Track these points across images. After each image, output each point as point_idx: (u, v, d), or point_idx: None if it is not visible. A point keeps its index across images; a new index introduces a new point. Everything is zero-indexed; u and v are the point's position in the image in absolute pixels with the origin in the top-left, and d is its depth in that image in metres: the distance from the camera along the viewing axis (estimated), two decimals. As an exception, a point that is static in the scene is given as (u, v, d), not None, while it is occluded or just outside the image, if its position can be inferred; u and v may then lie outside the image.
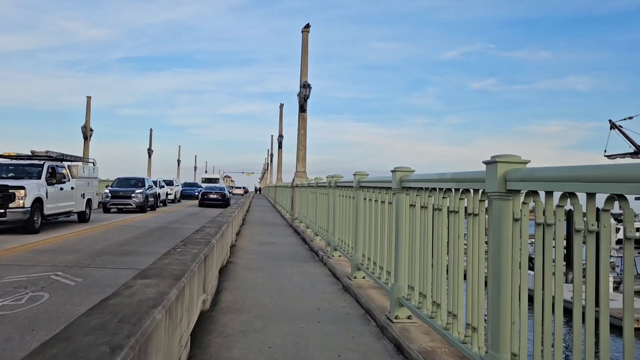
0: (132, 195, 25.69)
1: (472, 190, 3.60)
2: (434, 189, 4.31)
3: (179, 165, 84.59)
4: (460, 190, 3.78)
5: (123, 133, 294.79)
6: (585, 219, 2.52)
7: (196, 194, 49.16)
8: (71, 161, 19.27)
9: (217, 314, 5.62)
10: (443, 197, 4.15)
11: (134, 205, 25.56)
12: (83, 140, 38.62)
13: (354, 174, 7.36)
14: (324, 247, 10.62)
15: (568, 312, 2.52)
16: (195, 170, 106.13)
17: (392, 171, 5.22)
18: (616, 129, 36.83)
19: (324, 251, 10.21)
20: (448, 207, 3.97)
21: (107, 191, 25.87)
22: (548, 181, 2.76)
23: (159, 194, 31.27)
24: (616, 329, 2.50)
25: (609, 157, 37.70)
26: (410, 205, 4.89)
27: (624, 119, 36.85)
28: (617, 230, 28.26)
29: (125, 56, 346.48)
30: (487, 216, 3.38)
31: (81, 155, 34.72)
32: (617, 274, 24.08)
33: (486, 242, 3.39)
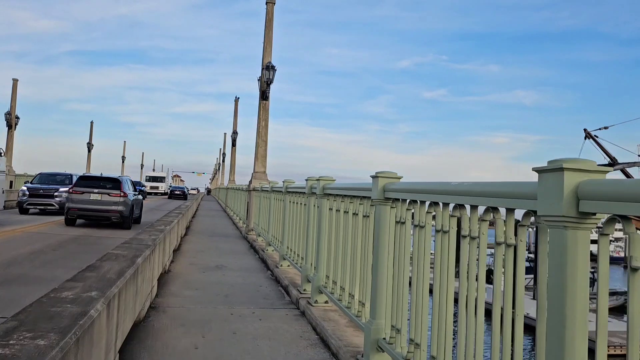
0: (55, 194, 21.56)
1: None
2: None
3: (123, 162, 78.87)
4: None
5: (69, 128, 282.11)
6: None
7: (138, 193, 44.93)
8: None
9: None
10: None
11: (57, 206, 21.40)
12: (7, 129, 33.74)
13: (373, 177, 4.15)
14: (297, 281, 7.36)
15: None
16: (142, 168, 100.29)
17: (541, 171, 2.05)
18: (591, 139, 34.99)
19: (298, 289, 6.94)
20: None
21: (25, 188, 21.72)
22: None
23: (91, 193, 27.12)
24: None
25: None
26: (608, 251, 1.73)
27: (599, 129, 35.07)
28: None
29: (76, 49, 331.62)
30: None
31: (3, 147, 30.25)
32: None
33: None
